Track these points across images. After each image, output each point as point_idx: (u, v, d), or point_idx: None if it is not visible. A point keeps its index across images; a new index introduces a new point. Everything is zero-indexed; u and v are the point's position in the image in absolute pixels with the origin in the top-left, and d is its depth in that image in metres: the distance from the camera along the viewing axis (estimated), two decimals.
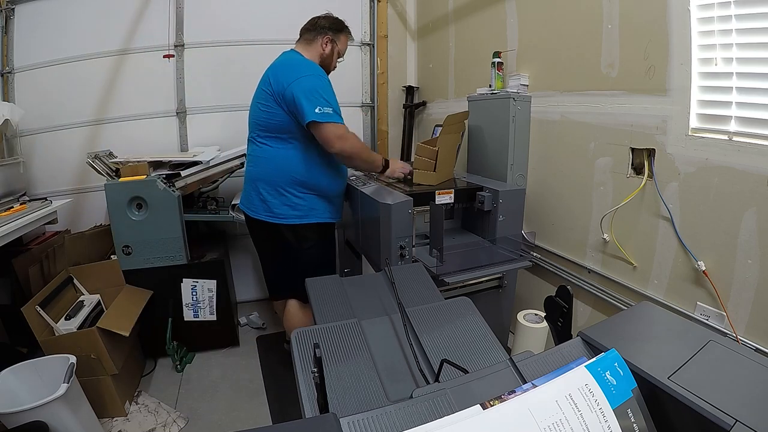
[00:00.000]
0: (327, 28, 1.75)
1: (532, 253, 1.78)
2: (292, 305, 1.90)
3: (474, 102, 2.11)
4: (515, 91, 1.95)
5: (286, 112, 1.63)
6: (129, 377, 1.99)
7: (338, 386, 0.68)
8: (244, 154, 2.11)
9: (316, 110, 1.55)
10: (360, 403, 0.66)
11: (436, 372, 0.70)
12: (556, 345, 0.67)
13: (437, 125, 2.40)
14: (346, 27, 1.83)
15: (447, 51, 2.71)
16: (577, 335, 0.66)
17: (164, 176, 2.10)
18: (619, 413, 0.48)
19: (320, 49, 1.75)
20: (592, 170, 1.72)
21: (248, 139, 1.83)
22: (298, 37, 1.80)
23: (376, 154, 1.85)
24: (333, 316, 0.90)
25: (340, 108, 1.65)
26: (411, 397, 0.54)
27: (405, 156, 3.17)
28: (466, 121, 2.08)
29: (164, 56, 2.56)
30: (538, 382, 0.51)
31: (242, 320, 2.66)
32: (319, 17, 1.79)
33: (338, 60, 1.85)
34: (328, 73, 1.79)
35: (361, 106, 3.04)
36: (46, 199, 2.20)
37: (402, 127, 3.18)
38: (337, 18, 1.81)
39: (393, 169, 1.88)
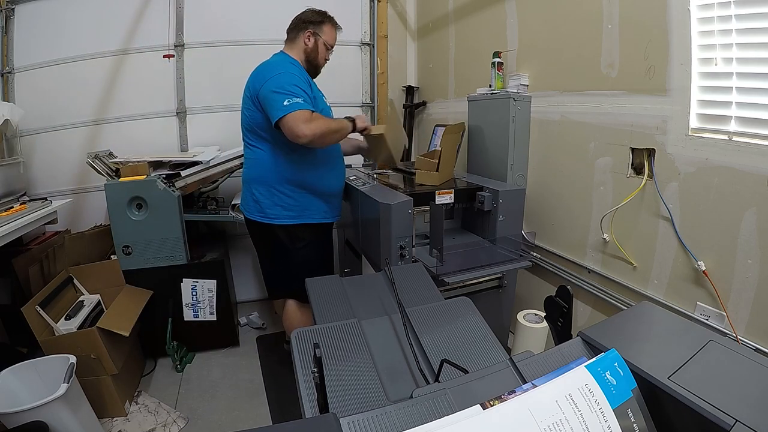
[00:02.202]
0: (308, 22, 1.73)
1: (532, 253, 1.78)
2: (291, 305, 1.90)
3: (474, 102, 2.11)
4: (515, 91, 1.95)
5: (263, 114, 1.63)
6: (129, 377, 1.99)
7: (338, 386, 0.68)
8: (243, 154, 2.11)
9: (285, 103, 1.50)
10: (360, 403, 0.66)
11: (436, 372, 0.70)
12: (556, 345, 0.67)
13: (437, 125, 2.40)
14: (329, 17, 1.77)
15: (447, 51, 2.71)
16: (577, 335, 0.66)
17: (164, 176, 2.10)
18: (619, 413, 0.48)
19: (303, 45, 1.73)
20: (592, 170, 1.72)
21: (242, 142, 1.84)
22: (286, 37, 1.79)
23: (340, 120, 1.73)
24: (333, 316, 0.89)
25: (343, 108, 1.64)
26: (411, 397, 0.53)
27: (405, 156, 3.17)
28: (466, 122, 2.08)
29: (164, 56, 2.56)
30: (538, 382, 0.51)
31: (242, 320, 2.66)
32: (299, 14, 1.76)
33: (329, 52, 1.79)
34: (318, 68, 1.79)
35: (361, 106, 3.04)
36: (46, 199, 2.20)
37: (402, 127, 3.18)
38: (318, 10, 1.76)
39: (361, 124, 1.78)
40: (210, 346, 2.36)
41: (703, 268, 1.33)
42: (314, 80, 1.78)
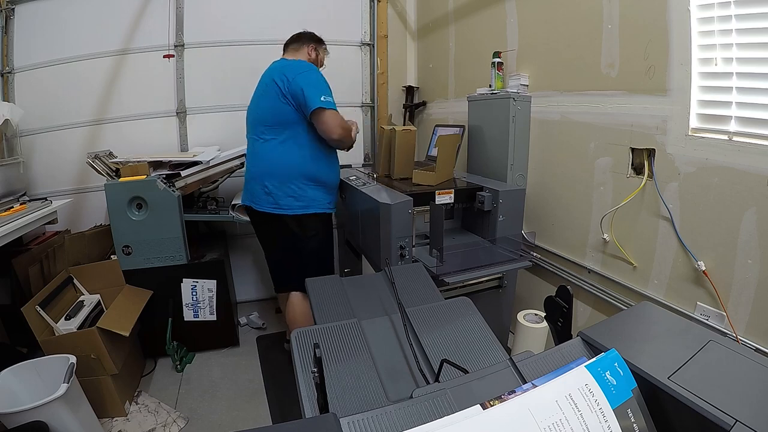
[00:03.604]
0: (310, 39, 1.96)
1: (532, 253, 1.78)
2: (295, 297, 1.93)
3: (474, 102, 2.11)
4: (515, 91, 1.94)
5: (291, 105, 1.73)
6: (129, 377, 1.99)
7: (338, 386, 0.68)
8: (244, 154, 2.12)
9: (321, 98, 1.69)
10: (360, 403, 0.66)
11: (436, 372, 0.70)
12: (556, 345, 0.67)
13: (437, 125, 2.40)
14: (324, 42, 2.04)
15: (447, 51, 2.71)
16: (577, 335, 0.66)
17: (164, 176, 2.10)
18: (619, 413, 0.48)
19: (307, 56, 1.93)
20: (592, 170, 1.72)
21: (250, 138, 1.89)
22: (283, 51, 1.94)
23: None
24: (333, 316, 0.89)
25: (343, 108, 1.69)
26: (411, 397, 0.53)
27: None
28: (466, 122, 2.08)
29: (164, 56, 2.55)
30: (538, 382, 0.51)
31: (242, 320, 2.66)
32: (300, 33, 1.98)
33: (320, 69, 1.98)
34: None
35: (361, 106, 3.04)
36: (46, 199, 2.20)
37: None
38: (315, 34, 2.01)
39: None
40: (210, 346, 2.36)
41: (703, 268, 1.33)
42: None
